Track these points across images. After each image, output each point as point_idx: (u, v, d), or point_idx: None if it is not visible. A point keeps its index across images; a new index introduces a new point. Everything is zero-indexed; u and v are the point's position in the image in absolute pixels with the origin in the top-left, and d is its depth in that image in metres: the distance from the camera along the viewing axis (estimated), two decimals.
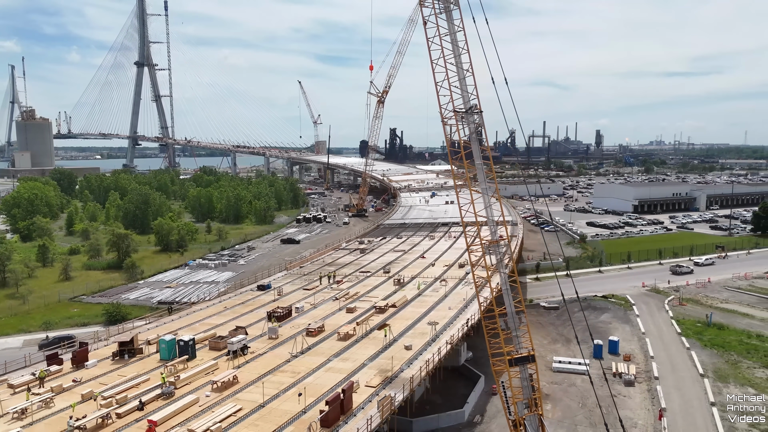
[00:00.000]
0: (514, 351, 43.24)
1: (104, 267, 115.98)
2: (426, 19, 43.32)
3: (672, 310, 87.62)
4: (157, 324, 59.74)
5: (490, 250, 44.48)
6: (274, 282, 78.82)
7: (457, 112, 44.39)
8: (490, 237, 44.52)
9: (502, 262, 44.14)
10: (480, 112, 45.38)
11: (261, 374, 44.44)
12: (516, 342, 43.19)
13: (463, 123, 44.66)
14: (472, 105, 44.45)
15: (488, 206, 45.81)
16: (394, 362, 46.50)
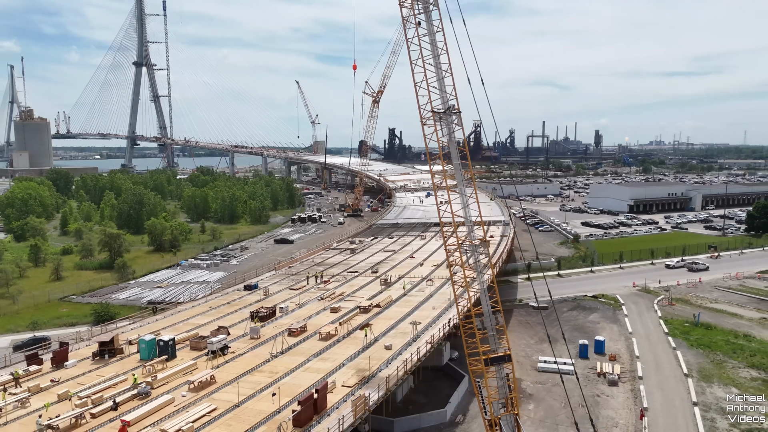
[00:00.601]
0: (491, 350, 43.36)
1: (96, 267, 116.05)
2: (405, 19, 43.32)
3: (661, 310, 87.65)
4: (141, 324, 59.79)
5: (466, 250, 44.58)
6: (261, 282, 78.89)
7: (435, 113, 44.49)
8: (466, 237, 44.64)
9: (479, 262, 44.23)
10: (458, 112, 45.48)
11: (239, 374, 44.48)
12: (492, 342, 43.27)
13: (441, 123, 44.76)
14: (450, 106, 44.55)
15: (466, 206, 45.93)
16: (372, 362, 46.58)
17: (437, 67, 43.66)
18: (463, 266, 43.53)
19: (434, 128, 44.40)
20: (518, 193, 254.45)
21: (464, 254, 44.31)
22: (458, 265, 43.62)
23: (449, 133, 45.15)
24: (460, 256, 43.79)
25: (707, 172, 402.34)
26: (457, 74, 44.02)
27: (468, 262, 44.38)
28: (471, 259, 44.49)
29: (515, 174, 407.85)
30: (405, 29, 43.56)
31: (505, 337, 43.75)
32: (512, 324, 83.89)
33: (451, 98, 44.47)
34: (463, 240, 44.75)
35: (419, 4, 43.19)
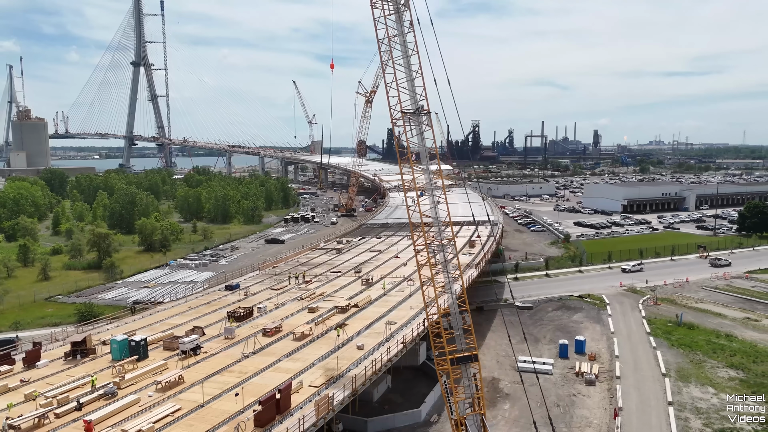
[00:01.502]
0: (458, 350, 43.42)
1: (85, 267, 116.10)
2: (377, 20, 43.32)
3: (645, 310, 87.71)
4: (118, 324, 59.89)
5: (434, 250, 44.67)
6: (244, 282, 78.98)
7: (405, 113, 44.57)
8: (435, 237, 44.75)
9: (447, 262, 44.31)
10: (428, 113, 45.57)
11: (208, 374, 44.55)
12: (459, 341, 43.34)
13: (411, 124, 44.85)
14: (419, 106, 44.64)
15: (434, 206, 46.03)
16: (342, 362, 46.66)
17: (408, 67, 43.79)
18: (431, 266, 43.64)
19: (404, 128, 44.53)
20: (513, 193, 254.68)
21: (432, 254, 44.44)
22: (426, 266, 43.74)
23: (419, 133, 45.30)
24: (427, 256, 43.92)
25: (704, 172, 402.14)
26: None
27: (436, 262, 44.49)
28: (439, 258, 44.60)
29: (513, 174, 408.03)
30: (376, 30, 43.59)
31: (473, 337, 43.81)
32: (496, 323, 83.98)
33: (421, 99, 44.66)
34: (431, 240, 44.89)
35: (389, 4, 43.26)
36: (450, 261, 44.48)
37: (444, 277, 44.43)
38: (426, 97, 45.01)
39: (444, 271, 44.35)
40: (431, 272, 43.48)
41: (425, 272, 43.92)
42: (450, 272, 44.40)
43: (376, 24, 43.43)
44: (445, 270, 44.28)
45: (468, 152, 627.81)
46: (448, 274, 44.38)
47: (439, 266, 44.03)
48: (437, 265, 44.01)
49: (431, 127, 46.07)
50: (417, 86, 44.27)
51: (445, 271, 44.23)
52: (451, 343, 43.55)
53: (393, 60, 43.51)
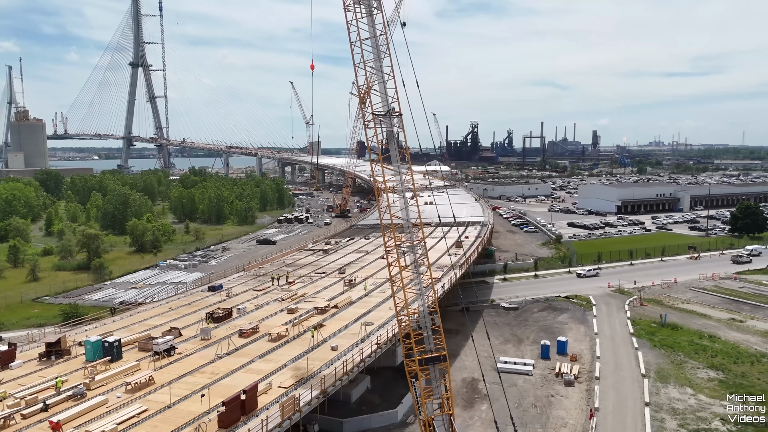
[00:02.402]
0: (427, 351, 43.50)
1: (74, 268, 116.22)
2: (349, 23, 43.35)
3: (631, 311, 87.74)
4: (97, 325, 60.01)
5: (404, 251, 44.74)
6: (228, 283, 79.11)
7: (376, 115, 44.70)
8: (406, 239, 44.84)
9: (417, 263, 44.38)
10: (399, 115, 45.69)
11: (179, 375, 44.64)
12: (428, 342, 43.41)
13: (382, 126, 44.97)
14: (390, 108, 44.75)
15: (405, 208, 46.07)
16: (315, 363, 46.75)
17: (380, 70, 43.93)
18: (401, 267, 43.70)
19: (374, 130, 44.65)
20: (509, 193, 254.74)
21: (402, 256, 44.51)
22: (396, 267, 43.79)
23: (390, 135, 45.43)
24: (397, 257, 43.98)
25: (702, 173, 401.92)
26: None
27: (406, 264, 44.57)
28: (409, 259, 44.68)
29: (511, 175, 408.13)
30: (349, 33, 43.62)
31: (441, 338, 43.87)
32: (481, 324, 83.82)
33: (393, 101, 44.79)
34: (402, 241, 44.97)
35: (362, 7, 43.33)
36: (420, 262, 44.54)
37: (415, 278, 44.54)
38: (398, 100, 45.20)
39: (415, 273, 44.45)
40: (401, 273, 43.55)
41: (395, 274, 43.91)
42: (420, 273, 44.51)
43: (348, 27, 43.50)
44: (415, 271, 44.37)
45: (467, 153, 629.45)
46: (418, 275, 44.48)
47: (410, 267, 44.12)
48: (407, 267, 44.09)
49: (403, 129, 46.20)
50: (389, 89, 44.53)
51: (416, 273, 44.32)
52: (421, 344, 43.70)
53: (365, 62, 43.65)
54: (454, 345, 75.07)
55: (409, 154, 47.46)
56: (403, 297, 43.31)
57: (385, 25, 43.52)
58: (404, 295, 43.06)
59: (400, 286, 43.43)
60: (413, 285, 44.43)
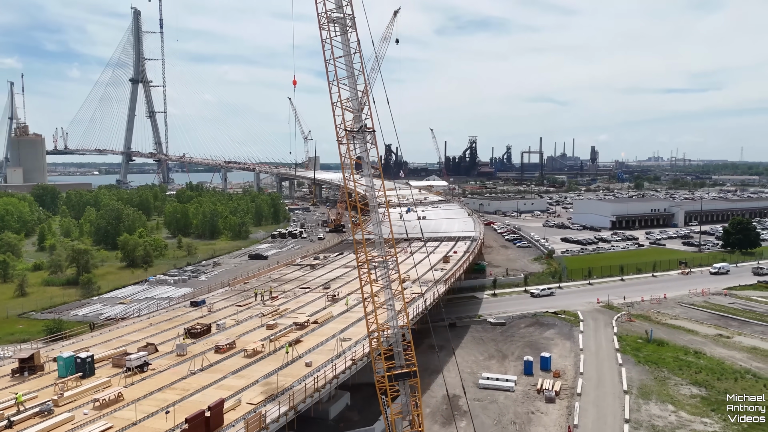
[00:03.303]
0: (397, 366, 43.27)
1: (63, 283, 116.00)
2: (324, 41, 43.60)
3: (618, 327, 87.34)
4: (75, 341, 59.73)
5: (375, 266, 44.67)
6: (213, 298, 78.88)
7: (349, 132, 44.90)
8: (377, 254, 44.82)
9: (390, 279, 44.28)
10: (372, 131, 45.95)
11: (149, 391, 44.28)
12: (398, 358, 43.19)
13: (355, 142, 45.19)
14: (363, 125, 45.00)
15: (377, 223, 46.10)
16: (288, 379, 46.41)
17: (353, 87, 44.23)
18: (371, 282, 43.59)
19: (347, 147, 44.80)
20: (504, 208, 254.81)
21: (374, 271, 44.45)
22: (367, 282, 43.69)
23: (363, 151, 45.62)
24: (368, 272, 43.90)
25: (699, 188, 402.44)
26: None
27: (377, 279, 44.50)
28: (380, 274, 44.61)
29: (508, 190, 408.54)
30: (323, 50, 43.84)
31: (412, 354, 43.65)
32: (466, 340, 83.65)
33: (366, 117, 45.06)
34: (374, 257, 44.97)
35: (336, 26, 43.67)
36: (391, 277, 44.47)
37: (387, 293, 44.45)
38: (371, 116, 45.51)
39: (386, 288, 44.36)
40: (371, 289, 43.46)
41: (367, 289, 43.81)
42: (392, 289, 44.40)
43: (323, 45, 43.72)
44: (387, 287, 44.28)
45: (465, 168, 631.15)
46: (390, 290, 44.38)
47: (380, 281, 44.04)
48: (378, 282, 44.01)
49: (376, 145, 46.40)
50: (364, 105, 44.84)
51: (388, 288, 44.23)
52: (392, 360, 43.49)
53: (338, 80, 43.87)
54: (438, 361, 74.67)
55: (382, 169, 47.66)
56: (374, 312, 43.19)
57: (359, 43, 43.87)
58: (375, 310, 42.93)
59: (371, 302, 43.32)
60: (384, 301, 44.36)
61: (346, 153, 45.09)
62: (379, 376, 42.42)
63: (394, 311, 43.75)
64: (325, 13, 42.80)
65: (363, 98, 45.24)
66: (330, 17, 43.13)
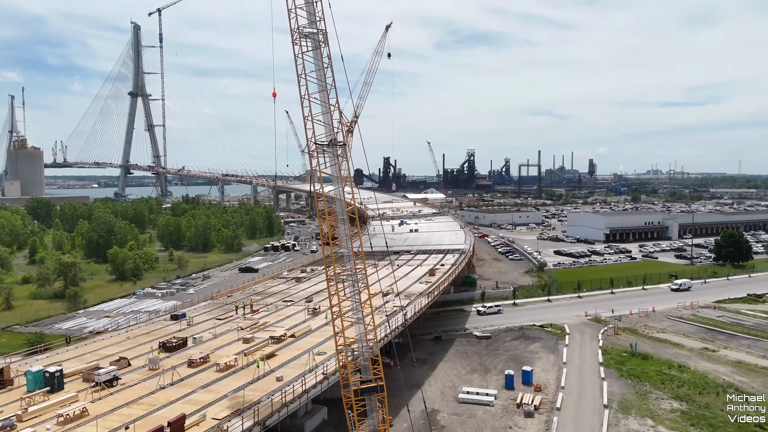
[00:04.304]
0: (363, 381, 42.91)
1: (50, 296, 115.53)
2: (296, 56, 43.67)
3: (605, 340, 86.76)
4: (49, 355, 59.33)
5: (343, 279, 44.53)
6: (195, 311, 78.48)
7: (319, 145, 44.91)
8: (346, 267, 44.69)
9: (356, 292, 44.08)
10: (343, 145, 45.99)
11: (116, 406, 43.89)
12: (365, 372, 42.83)
13: (326, 155, 45.20)
14: (333, 138, 45.04)
15: (346, 236, 45.99)
16: (257, 393, 46.01)
17: (325, 102, 44.29)
18: (339, 297, 43.38)
19: (317, 160, 44.78)
20: (499, 221, 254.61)
21: (342, 284, 44.31)
22: (335, 295, 43.47)
23: (334, 164, 45.63)
24: (336, 285, 43.71)
25: (696, 201, 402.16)
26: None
27: (345, 292, 44.30)
28: (349, 289, 44.44)
29: (506, 203, 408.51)
30: (296, 65, 43.88)
31: (380, 368, 43.28)
32: (450, 353, 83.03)
33: (337, 131, 45.06)
34: (342, 270, 44.87)
35: (308, 41, 43.81)
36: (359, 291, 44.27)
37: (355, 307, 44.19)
38: (342, 131, 45.52)
39: (353, 300, 44.14)
40: (339, 303, 43.23)
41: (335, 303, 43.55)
42: (362, 303, 44.15)
43: (296, 60, 43.76)
44: (354, 299, 44.06)
45: (463, 181, 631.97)
46: (358, 303, 44.13)
47: (348, 294, 43.86)
48: (347, 295, 43.82)
49: (347, 158, 46.39)
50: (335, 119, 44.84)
51: (355, 301, 44.00)
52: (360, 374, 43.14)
53: (309, 94, 43.89)
54: (420, 375, 74.11)
55: (352, 181, 47.61)
56: (341, 326, 42.91)
57: (330, 58, 44.01)
58: (341, 324, 42.67)
59: (339, 315, 43.07)
60: (352, 314, 44.11)
61: (316, 166, 45.09)
62: (346, 390, 42.06)
63: (362, 325, 43.46)
64: (297, 29, 42.95)
65: (335, 112, 45.20)
66: (302, 32, 43.29)
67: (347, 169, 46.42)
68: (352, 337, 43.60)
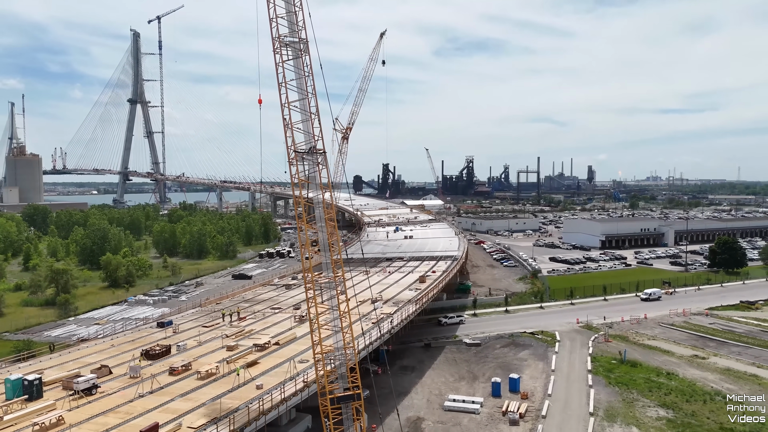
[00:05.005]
0: (340, 389, 42.76)
1: (42, 303, 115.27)
2: (277, 65, 43.75)
3: (595, 347, 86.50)
4: (32, 362, 59.13)
5: (321, 287, 44.44)
6: (182, 319, 78.27)
7: (298, 153, 44.92)
8: (324, 274, 44.63)
9: (334, 298, 43.98)
10: (323, 153, 46.02)
11: (92, 415, 43.65)
12: (342, 380, 42.67)
13: (305, 163, 45.22)
14: (312, 146, 45.07)
15: (324, 243, 45.93)
16: (235, 402, 45.78)
17: (305, 110, 44.36)
18: (316, 303, 43.25)
19: (296, 167, 44.77)
20: (496, 228, 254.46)
21: (319, 292, 44.22)
22: (312, 304, 43.34)
23: (313, 172, 45.63)
24: (313, 294, 43.59)
25: (694, 208, 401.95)
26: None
27: (323, 300, 44.19)
28: (325, 295, 44.34)
29: (504, 209, 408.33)
30: (277, 73, 43.92)
31: (357, 376, 43.13)
32: (439, 361, 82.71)
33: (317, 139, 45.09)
34: (318, 278, 44.81)
35: (289, 49, 43.91)
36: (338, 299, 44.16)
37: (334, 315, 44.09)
38: (322, 139, 45.54)
39: (330, 309, 44.04)
40: (316, 309, 43.11)
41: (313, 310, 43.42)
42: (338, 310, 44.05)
43: (276, 68, 43.79)
44: (331, 308, 43.96)
45: (462, 187, 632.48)
46: (334, 311, 44.04)
47: (325, 303, 43.74)
48: (323, 304, 43.70)
49: (326, 166, 46.41)
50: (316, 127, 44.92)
51: (331, 309, 43.90)
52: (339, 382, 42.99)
53: (289, 102, 43.93)
54: (408, 382, 74.03)
55: (332, 188, 47.55)
56: (318, 335, 42.76)
57: (311, 67, 44.13)
58: (319, 333, 42.53)
59: (317, 323, 42.93)
60: (330, 322, 44.01)
61: (295, 174, 45.09)
62: (323, 398, 41.91)
63: (341, 333, 43.37)
64: (278, 38, 43.05)
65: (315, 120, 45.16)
66: (283, 41, 43.39)
67: (327, 177, 46.34)
68: (329, 345, 43.51)
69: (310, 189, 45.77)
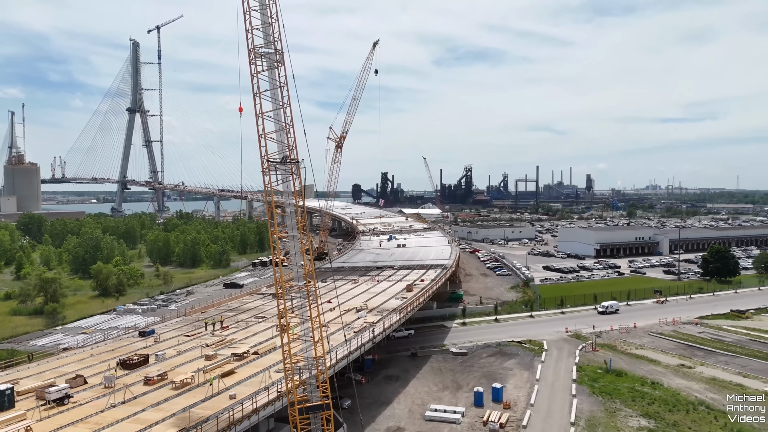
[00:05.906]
0: (309, 399, 42.51)
1: (31, 312, 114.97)
2: (253, 75, 43.84)
3: (582, 357, 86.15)
4: (9, 372, 58.75)
5: (291, 296, 44.31)
6: (165, 328, 77.91)
7: (272, 162, 44.94)
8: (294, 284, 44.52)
9: (304, 307, 43.82)
10: (296, 162, 46.06)
11: (61, 425, 43.31)
12: (310, 390, 42.42)
13: (278, 172, 45.24)
14: (285, 156, 45.12)
15: (295, 253, 45.83)
16: (207, 411, 45.41)
17: (278, 120, 44.41)
18: (286, 312, 43.08)
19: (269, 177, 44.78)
20: (492, 236, 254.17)
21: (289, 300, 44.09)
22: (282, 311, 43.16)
23: (286, 181, 45.67)
24: (284, 302, 43.42)
25: (693, 217, 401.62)
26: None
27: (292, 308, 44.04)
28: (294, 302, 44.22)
29: (502, 218, 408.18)
30: (252, 84, 43.98)
31: (327, 386, 42.87)
32: (424, 370, 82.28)
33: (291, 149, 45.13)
34: (289, 286, 44.69)
35: (264, 61, 44.04)
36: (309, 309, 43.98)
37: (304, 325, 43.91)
38: (296, 148, 45.59)
39: (302, 319, 43.86)
40: (287, 319, 42.92)
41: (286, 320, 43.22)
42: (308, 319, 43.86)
43: (252, 79, 43.86)
44: (301, 317, 43.79)
45: (461, 196, 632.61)
46: (305, 322, 43.86)
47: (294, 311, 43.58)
48: (292, 312, 43.54)
49: (299, 176, 46.43)
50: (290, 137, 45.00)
51: (301, 319, 43.72)
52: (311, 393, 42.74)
53: (263, 112, 43.97)
54: (391, 392, 73.63)
55: (304, 197, 47.50)
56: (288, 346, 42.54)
57: (287, 78, 44.32)
58: (282, 343, 42.32)
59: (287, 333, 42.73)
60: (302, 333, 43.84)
61: (269, 183, 45.13)
62: (291, 408, 41.66)
63: (311, 343, 43.17)
64: (254, 49, 43.18)
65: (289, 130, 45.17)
66: (258, 52, 43.52)
67: (301, 186, 46.36)
68: (299, 356, 43.32)
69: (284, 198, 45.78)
